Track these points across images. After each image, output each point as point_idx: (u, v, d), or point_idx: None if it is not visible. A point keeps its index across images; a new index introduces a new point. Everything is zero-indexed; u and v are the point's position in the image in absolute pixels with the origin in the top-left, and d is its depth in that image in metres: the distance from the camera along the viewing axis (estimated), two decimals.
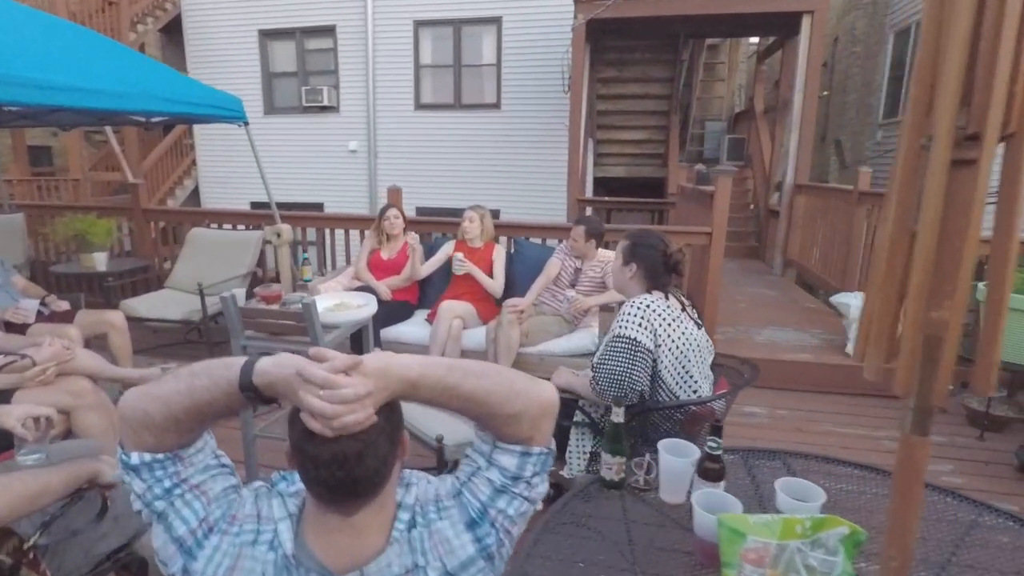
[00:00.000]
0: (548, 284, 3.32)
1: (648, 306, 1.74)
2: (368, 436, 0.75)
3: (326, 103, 8.57)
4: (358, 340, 2.83)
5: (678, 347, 1.75)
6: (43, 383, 2.05)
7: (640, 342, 1.69)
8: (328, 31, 8.57)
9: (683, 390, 1.77)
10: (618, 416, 1.32)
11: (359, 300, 2.62)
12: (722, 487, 1.18)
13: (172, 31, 9.21)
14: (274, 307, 2.42)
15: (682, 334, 1.76)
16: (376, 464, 0.77)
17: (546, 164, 7.97)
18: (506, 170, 8.28)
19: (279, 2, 8.59)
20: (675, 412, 1.76)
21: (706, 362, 1.85)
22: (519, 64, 8.04)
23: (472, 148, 8.38)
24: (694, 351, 1.78)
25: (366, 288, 3.46)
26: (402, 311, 3.51)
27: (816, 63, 5.74)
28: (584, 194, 6.90)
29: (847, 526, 0.93)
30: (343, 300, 2.61)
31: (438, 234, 4.11)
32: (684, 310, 1.82)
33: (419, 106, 8.54)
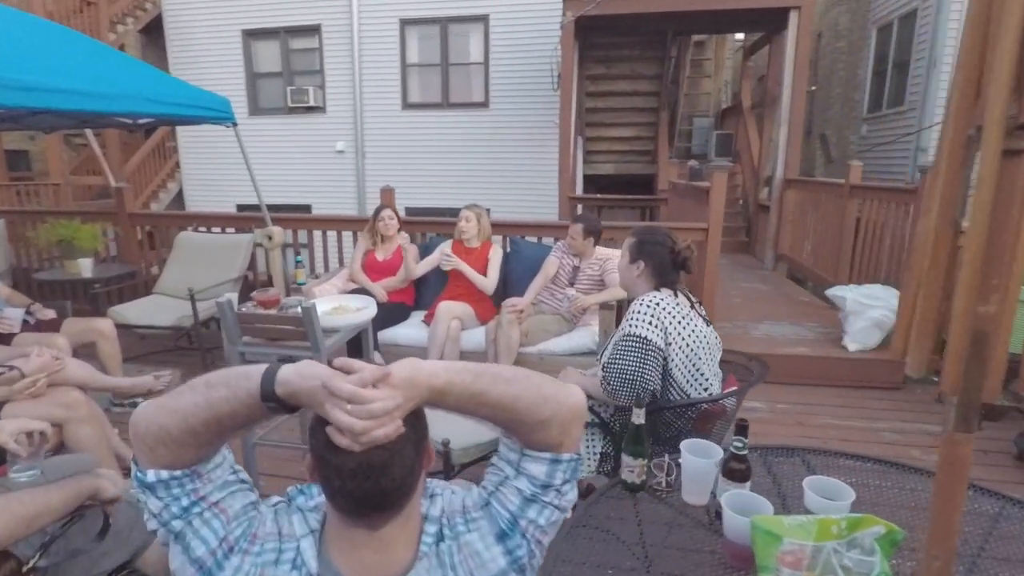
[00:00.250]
0: (546, 283, 3.29)
1: (658, 304, 1.72)
2: (395, 445, 0.72)
3: (312, 103, 8.47)
4: (356, 343, 2.77)
5: (689, 345, 1.73)
6: (33, 395, 1.98)
7: (651, 340, 1.67)
8: (313, 30, 8.47)
9: (694, 388, 1.76)
10: (638, 417, 1.29)
11: (358, 303, 2.57)
12: (748, 487, 1.16)
13: (152, 32, 9.04)
14: (272, 312, 2.37)
15: (692, 331, 1.74)
16: (403, 473, 0.74)
17: (535, 162, 7.96)
18: (495, 169, 8.24)
19: (262, 1, 8.47)
20: (687, 410, 1.74)
21: (716, 359, 1.84)
22: (507, 62, 8.01)
23: (461, 147, 8.34)
24: (704, 348, 1.76)
25: (361, 290, 3.41)
26: (398, 313, 3.46)
27: (804, 58, 5.78)
28: (575, 192, 6.89)
29: (883, 525, 0.91)
30: (342, 303, 2.56)
31: (432, 234, 4.06)
32: (693, 307, 1.80)
33: (406, 105, 8.47)
